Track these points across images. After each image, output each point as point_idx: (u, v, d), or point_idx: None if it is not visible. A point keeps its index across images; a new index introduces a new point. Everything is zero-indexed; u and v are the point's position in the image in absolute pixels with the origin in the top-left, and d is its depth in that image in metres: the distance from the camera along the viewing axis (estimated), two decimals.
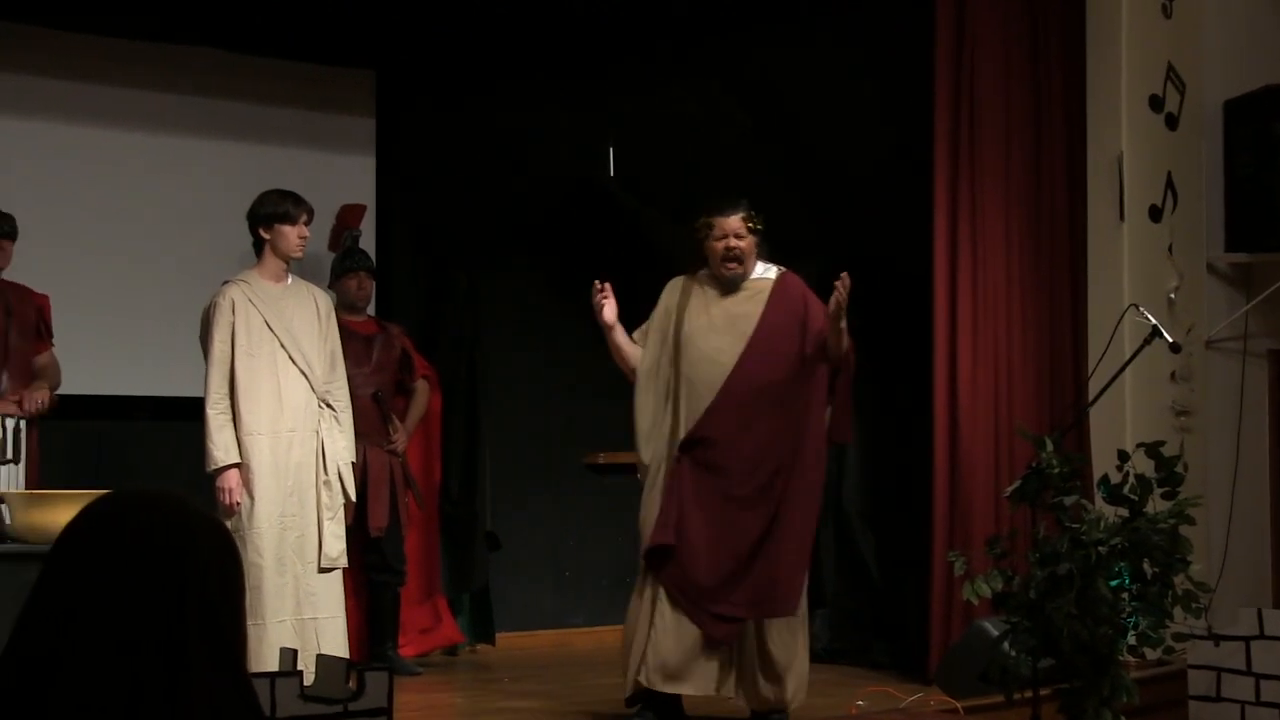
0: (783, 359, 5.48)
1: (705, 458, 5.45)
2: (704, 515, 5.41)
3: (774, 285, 5.60)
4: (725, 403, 5.45)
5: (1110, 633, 4.55)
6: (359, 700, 3.75)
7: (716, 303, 5.58)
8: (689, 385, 5.51)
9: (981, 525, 6.12)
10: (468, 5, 7.33)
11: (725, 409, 5.44)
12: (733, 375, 5.45)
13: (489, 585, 7.61)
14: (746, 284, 5.59)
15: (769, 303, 5.55)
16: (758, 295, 5.57)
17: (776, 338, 5.50)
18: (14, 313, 6.01)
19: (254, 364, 5.66)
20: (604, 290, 5.52)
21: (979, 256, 6.43)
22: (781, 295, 5.58)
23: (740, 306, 5.57)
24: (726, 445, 5.43)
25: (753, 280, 5.60)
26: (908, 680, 6.35)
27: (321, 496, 5.72)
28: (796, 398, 5.48)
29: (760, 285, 5.60)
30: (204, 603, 1.69)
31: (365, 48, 7.69)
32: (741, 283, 5.58)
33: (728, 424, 5.44)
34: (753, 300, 5.57)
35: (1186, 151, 6.97)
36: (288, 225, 5.79)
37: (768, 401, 5.45)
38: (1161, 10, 6.85)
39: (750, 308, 5.55)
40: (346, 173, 7.74)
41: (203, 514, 1.76)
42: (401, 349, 7.08)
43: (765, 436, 5.44)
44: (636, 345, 5.64)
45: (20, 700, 1.64)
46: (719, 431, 5.44)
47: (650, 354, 5.60)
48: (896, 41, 6.94)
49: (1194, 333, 6.87)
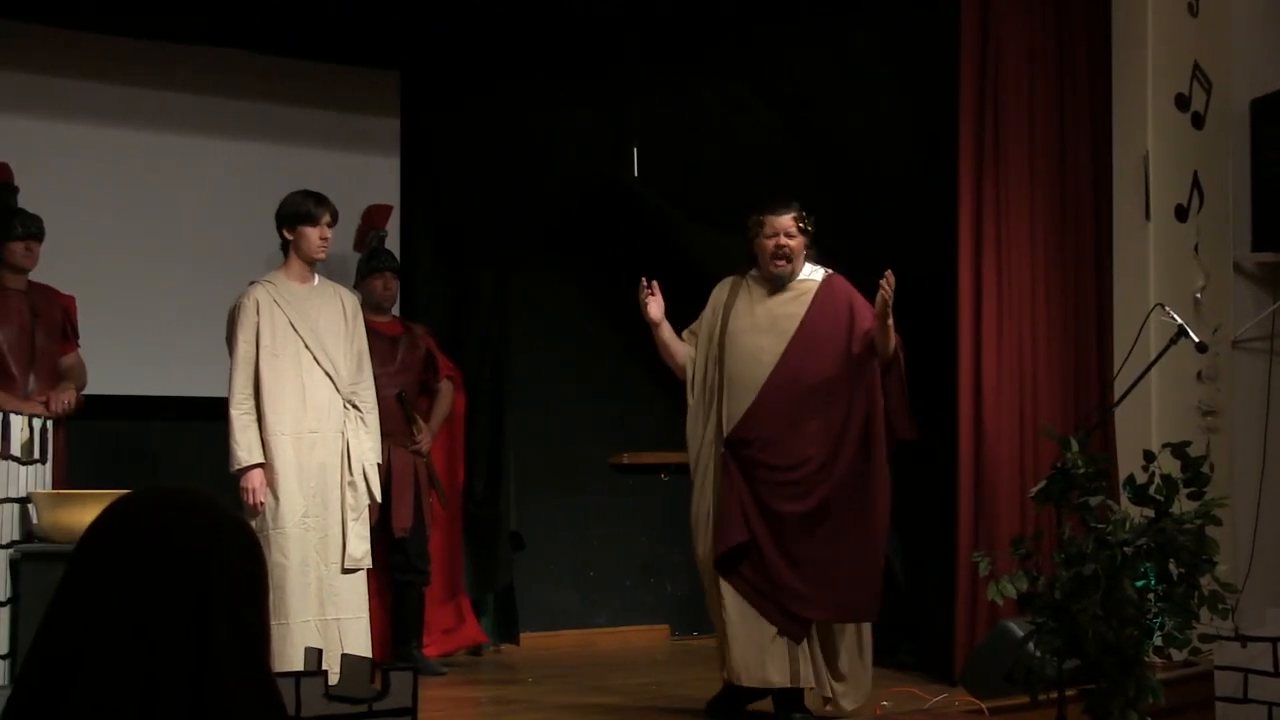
0: (826, 359, 5.52)
1: (750, 456, 5.51)
2: (760, 514, 5.47)
3: (819, 286, 5.65)
4: (765, 402, 5.50)
5: (1136, 634, 4.54)
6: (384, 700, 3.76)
7: (762, 302, 5.64)
8: (731, 384, 5.57)
9: (1006, 526, 6.11)
10: (492, 6, 7.34)
11: (766, 408, 5.50)
12: (773, 375, 5.51)
13: (513, 585, 7.62)
14: (793, 285, 5.65)
15: (813, 303, 5.61)
16: (803, 296, 5.63)
17: (819, 338, 5.55)
18: (40, 314, 6.04)
19: (278, 364, 5.67)
20: (650, 288, 5.62)
21: (1004, 257, 6.41)
22: (826, 296, 5.63)
23: (784, 307, 5.62)
24: (771, 444, 5.48)
25: (799, 281, 5.66)
26: (933, 681, 6.34)
27: (346, 497, 5.73)
28: (843, 397, 5.51)
29: (806, 286, 5.66)
30: (229, 601, 1.70)
31: (390, 48, 7.70)
32: (789, 282, 5.64)
33: (770, 424, 5.49)
34: (797, 301, 5.63)
35: (1213, 150, 6.94)
36: (309, 226, 5.81)
37: (813, 401, 5.49)
38: (1188, 9, 6.82)
39: (794, 308, 5.61)
40: (371, 173, 7.75)
41: (228, 512, 1.77)
42: (426, 349, 7.10)
43: (811, 436, 5.48)
44: (685, 343, 5.72)
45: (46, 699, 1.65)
46: (761, 431, 5.50)
47: (700, 353, 5.69)
48: (922, 42, 6.93)
49: (1220, 332, 6.83)
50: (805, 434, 5.48)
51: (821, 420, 5.49)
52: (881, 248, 7.50)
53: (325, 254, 5.90)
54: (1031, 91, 6.51)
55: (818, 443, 5.48)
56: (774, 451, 5.48)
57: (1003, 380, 6.34)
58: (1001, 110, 6.43)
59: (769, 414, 5.49)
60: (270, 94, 7.54)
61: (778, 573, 5.43)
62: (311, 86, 7.66)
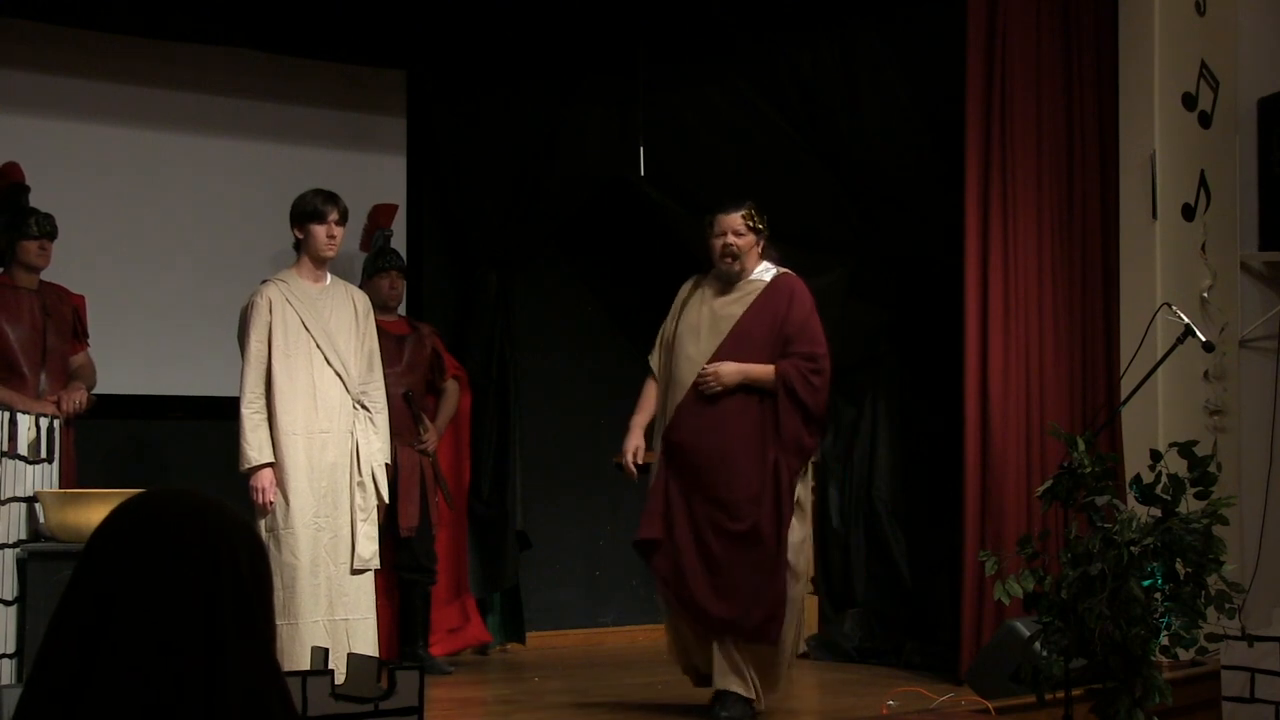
0: (755, 362, 5.47)
1: (679, 458, 5.48)
2: (685, 516, 5.43)
3: (765, 287, 5.60)
4: (692, 402, 5.46)
5: (1143, 633, 4.53)
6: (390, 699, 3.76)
7: (709, 302, 5.62)
8: (672, 384, 5.57)
9: (1013, 525, 6.11)
10: (498, 4, 7.34)
11: (691, 409, 5.46)
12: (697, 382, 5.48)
13: (519, 584, 7.63)
14: (741, 284, 5.61)
15: (753, 304, 5.56)
16: (746, 296, 5.60)
17: (751, 340, 5.50)
18: (51, 313, 6.05)
19: (290, 364, 5.68)
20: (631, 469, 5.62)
21: (1010, 256, 6.41)
22: (769, 297, 5.58)
23: (726, 308, 5.59)
24: (694, 447, 5.44)
25: (748, 281, 5.62)
26: (939, 680, 6.34)
27: (355, 498, 5.74)
28: (769, 401, 5.44)
29: (754, 287, 5.61)
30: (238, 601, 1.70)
31: (396, 47, 7.71)
32: (738, 281, 5.61)
33: (693, 425, 5.45)
34: (740, 301, 5.59)
35: (1220, 149, 6.93)
36: (317, 224, 5.81)
37: (736, 404, 5.42)
38: (1195, 8, 6.82)
39: (735, 309, 5.58)
40: (378, 172, 7.76)
41: (234, 513, 1.77)
42: (432, 348, 7.10)
43: (731, 442, 5.40)
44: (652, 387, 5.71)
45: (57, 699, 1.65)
46: (685, 433, 5.47)
47: (664, 356, 5.68)
48: (930, 40, 6.93)
49: (1227, 331, 6.83)
50: (727, 439, 5.41)
51: (744, 424, 5.42)
52: (890, 246, 7.52)
53: (334, 252, 5.90)
54: (1038, 91, 6.50)
55: (741, 449, 5.40)
56: (697, 454, 5.43)
57: (1009, 380, 6.34)
58: (1009, 109, 6.43)
59: (693, 415, 5.45)
60: (277, 93, 7.55)
61: (691, 579, 5.37)
62: (318, 86, 7.67)
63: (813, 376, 5.47)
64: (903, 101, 7.10)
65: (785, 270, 5.68)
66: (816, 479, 7.68)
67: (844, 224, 7.60)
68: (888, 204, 7.40)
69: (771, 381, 5.43)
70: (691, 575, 5.38)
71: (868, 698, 6.05)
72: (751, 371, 5.43)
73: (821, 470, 7.71)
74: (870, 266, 7.63)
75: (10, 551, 5.66)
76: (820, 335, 5.59)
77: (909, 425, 7.55)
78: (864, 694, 6.20)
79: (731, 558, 5.37)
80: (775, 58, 7.40)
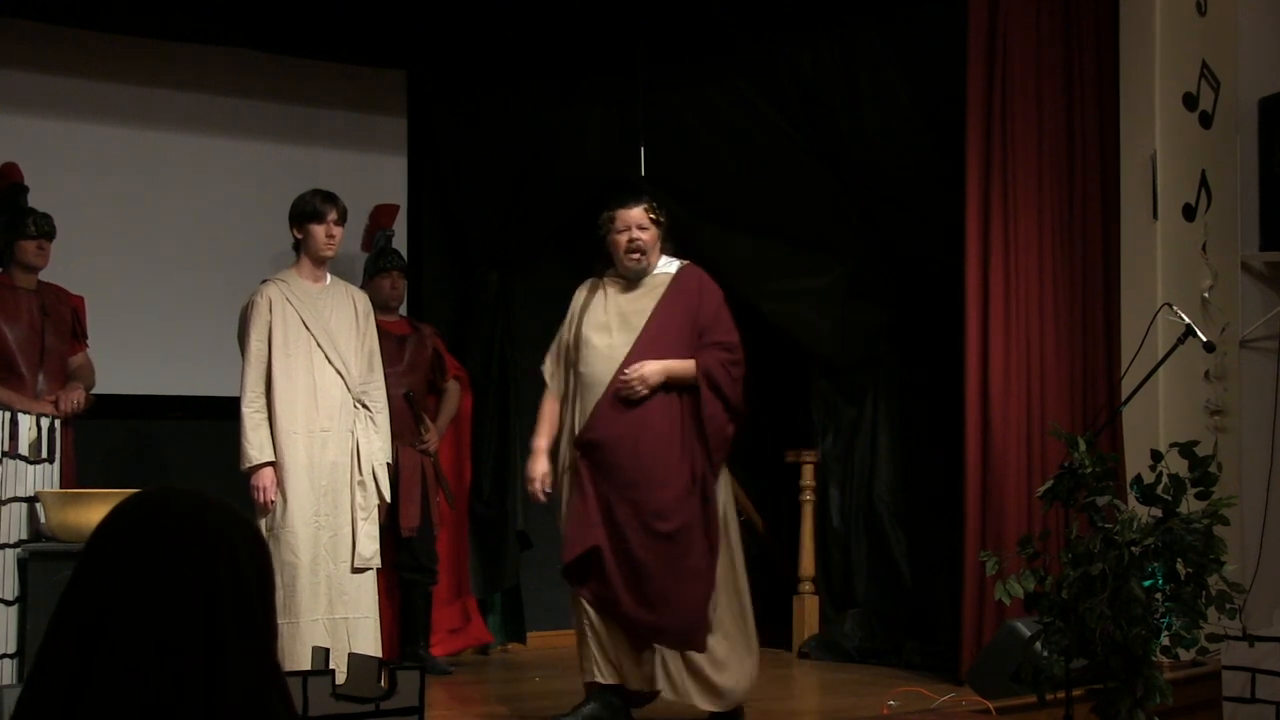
0: (672, 357, 5.31)
1: (599, 460, 5.28)
2: (606, 521, 5.23)
3: (672, 279, 5.45)
4: (609, 402, 5.28)
5: (1144, 633, 4.53)
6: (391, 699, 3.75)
7: (615, 300, 5.46)
8: (582, 386, 5.37)
9: (1014, 525, 6.10)
10: (498, 4, 7.34)
11: (609, 409, 5.27)
12: (619, 372, 5.29)
13: (520, 584, 7.62)
14: (647, 279, 5.46)
15: (664, 297, 5.41)
16: (655, 290, 5.44)
17: (667, 333, 5.34)
18: (50, 313, 6.05)
19: (290, 363, 5.68)
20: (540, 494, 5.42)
21: (1011, 256, 6.40)
22: (678, 289, 5.43)
23: (636, 303, 5.43)
24: (614, 448, 5.25)
25: (654, 275, 5.47)
26: (939, 680, 6.34)
27: (356, 497, 5.74)
28: (690, 395, 5.31)
29: (660, 280, 5.46)
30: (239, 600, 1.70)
31: (396, 48, 7.71)
32: (644, 277, 5.46)
33: (614, 424, 5.26)
34: (649, 295, 5.44)
35: (1221, 149, 6.93)
36: (316, 224, 5.81)
37: (653, 403, 5.26)
38: (1196, 8, 6.81)
39: (645, 303, 5.42)
40: (378, 173, 7.76)
41: (235, 512, 1.77)
42: (433, 349, 7.11)
43: (654, 442, 5.25)
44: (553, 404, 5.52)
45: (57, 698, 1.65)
46: (606, 432, 5.27)
47: (561, 363, 5.51)
48: (930, 40, 6.93)
49: (1228, 332, 6.83)
50: (651, 437, 5.24)
51: (667, 421, 5.26)
52: (890, 246, 7.52)
53: (333, 252, 5.90)
54: (1039, 91, 6.50)
55: (665, 447, 5.24)
56: (619, 454, 5.24)
57: (1010, 380, 6.34)
58: (1009, 109, 6.43)
59: (614, 413, 5.26)
60: (277, 93, 7.55)
61: (616, 585, 5.19)
62: (319, 86, 7.67)
63: (732, 367, 5.34)
64: (903, 101, 7.10)
65: (687, 261, 5.54)
66: (816, 479, 7.69)
67: (844, 224, 7.60)
68: (888, 204, 7.41)
69: (693, 375, 5.29)
70: (616, 583, 5.19)
71: (868, 698, 6.05)
72: (674, 368, 5.27)
73: (821, 470, 7.72)
74: (870, 266, 7.63)
75: (11, 551, 5.66)
76: (733, 324, 5.44)
77: (909, 425, 7.55)
78: (864, 694, 6.20)
79: (657, 561, 5.18)
80: (775, 58, 7.41)
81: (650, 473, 5.22)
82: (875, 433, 7.64)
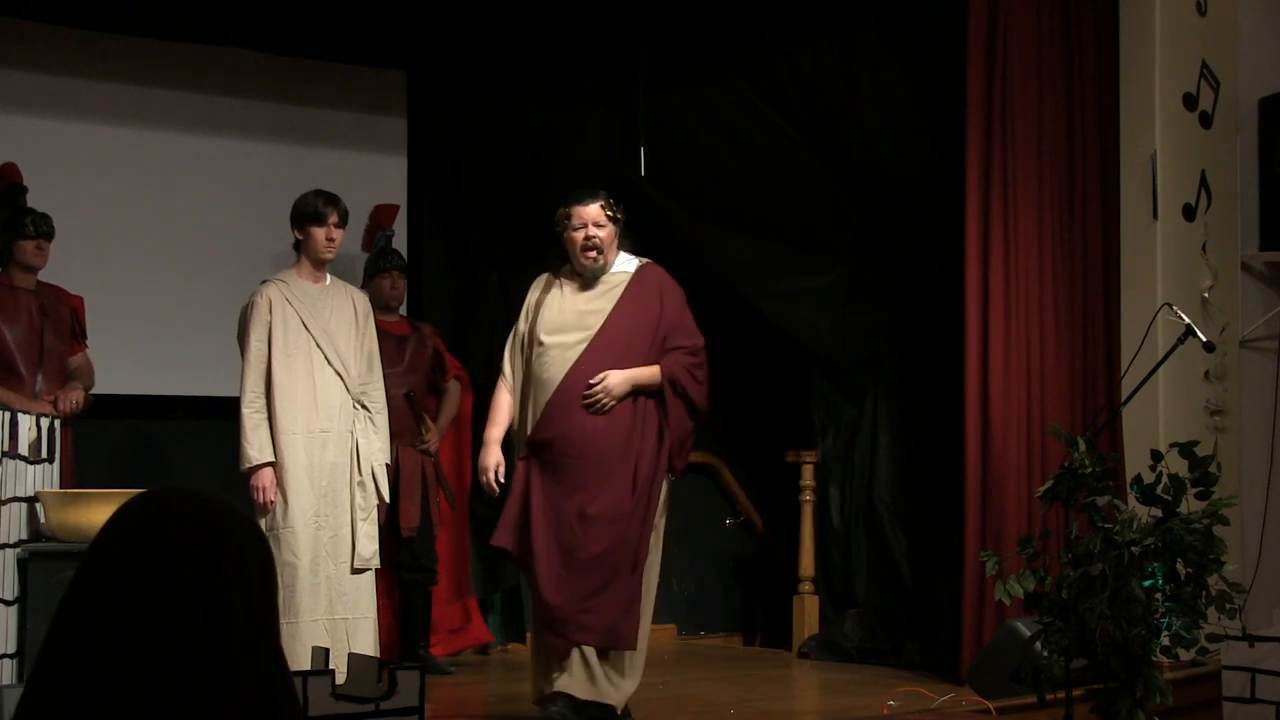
0: (629, 358, 5.22)
1: (548, 460, 5.21)
2: (548, 524, 5.17)
3: (631, 279, 5.35)
4: (561, 401, 5.19)
5: (1144, 633, 4.53)
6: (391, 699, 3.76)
7: (571, 298, 5.35)
8: (536, 384, 5.30)
9: (1014, 525, 6.10)
10: (498, 5, 7.34)
11: (560, 408, 5.19)
12: (571, 372, 5.20)
13: (520, 584, 7.62)
14: (605, 278, 5.35)
15: (622, 298, 5.30)
16: (613, 290, 5.33)
17: (623, 335, 5.24)
18: (49, 313, 6.05)
19: (290, 364, 5.68)
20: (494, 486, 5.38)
21: (1011, 256, 6.40)
22: (638, 289, 5.32)
23: (592, 302, 5.32)
24: (565, 450, 5.17)
25: (612, 274, 5.36)
26: (939, 680, 6.34)
27: (355, 497, 5.74)
28: (638, 406, 5.21)
29: (619, 279, 5.35)
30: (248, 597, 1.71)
31: (396, 48, 7.71)
32: (601, 275, 5.34)
33: (565, 425, 5.17)
34: (606, 295, 5.33)
35: (1220, 149, 6.93)
36: (316, 225, 5.80)
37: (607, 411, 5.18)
38: (1196, 8, 6.82)
39: (602, 303, 5.31)
40: (378, 172, 7.76)
41: (237, 510, 1.78)
42: (434, 349, 7.10)
43: (607, 443, 5.16)
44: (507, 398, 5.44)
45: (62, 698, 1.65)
46: (556, 432, 5.19)
47: (518, 360, 5.43)
48: (930, 40, 6.93)
49: (1228, 332, 6.83)
50: (603, 440, 5.15)
51: (616, 425, 5.16)
52: (890, 246, 7.52)
53: (333, 254, 5.89)
54: (1039, 91, 6.50)
55: (617, 451, 5.15)
56: (568, 456, 5.16)
57: (1010, 380, 6.34)
58: (1009, 109, 6.43)
59: (564, 414, 5.17)
60: (276, 93, 7.55)
61: (544, 586, 5.14)
62: (318, 86, 7.67)
63: (697, 371, 5.26)
64: (903, 101, 7.10)
65: (647, 260, 5.43)
66: (816, 479, 7.70)
67: (844, 224, 7.60)
68: (888, 204, 7.41)
69: (658, 383, 5.21)
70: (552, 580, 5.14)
71: (868, 698, 6.05)
72: (638, 376, 5.19)
73: (821, 470, 7.72)
74: (870, 266, 7.64)
75: (11, 551, 5.66)
76: (695, 326, 5.35)
77: (909, 425, 7.55)
78: (864, 694, 6.20)
79: (594, 563, 5.12)
80: (775, 58, 7.41)
81: (595, 476, 5.14)
82: (875, 433, 7.65)
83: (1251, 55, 7.05)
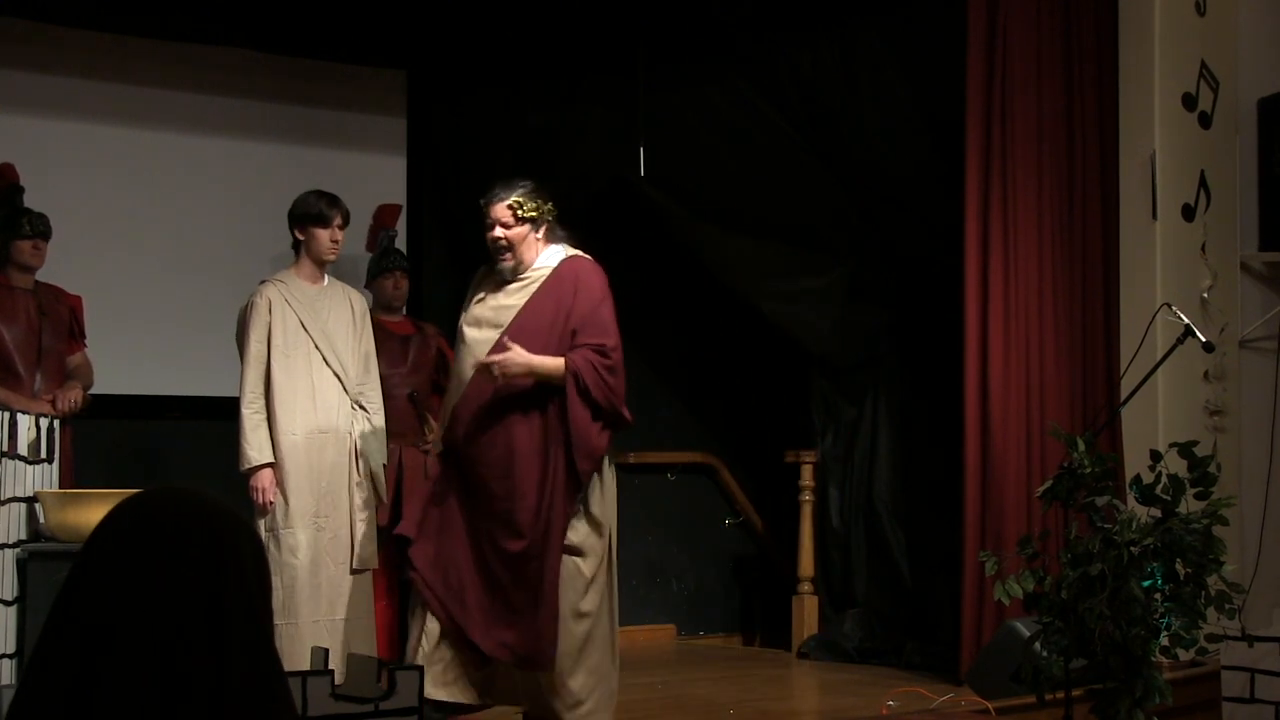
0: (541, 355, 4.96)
1: (459, 462, 5.05)
2: (463, 531, 5.03)
3: (549, 274, 5.08)
4: (470, 399, 5.02)
5: (1143, 633, 4.53)
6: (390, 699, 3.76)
7: (493, 293, 5.14)
8: (453, 381, 5.18)
9: (1013, 525, 6.11)
10: (498, 4, 7.34)
11: (469, 407, 5.01)
12: (479, 371, 4.99)
13: None
14: (527, 273, 5.11)
15: (536, 293, 5.06)
16: (530, 285, 5.09)
17: (526, 331, 4.98)
18: (47, 313, 6.05)
19: (290, 364, 5.67)
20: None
21: (1011, 256, 6.41)
22: (554, 285, 5.06)
23: (509, 297, 5.10)
24: (474, 454, 5.00)
25: (534, 270, 5.11)
26: (939, 680, 6.34)
27: (355, 497, 5.74)
28: (553, 398, 4.96)
29: (538, 275, 5.09)
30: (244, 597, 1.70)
31: (396, 47, 7.71)
32: (519, 274, 5.11)
33: (472, 427, 4.99)
34: (523, 290, 5.09)
35: (1220, 150, 6.93)
36: (320, 227, 5.80)
37: (518, 401, 4.96)
38: (1195, 8, 6.82)
39: (518, 299, 5.08)
40: (378, 172, 7.76)
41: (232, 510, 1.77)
42: (437, 349, 7.10)
43: (514, 448, 4.95)
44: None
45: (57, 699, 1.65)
46: (462, 434, 5.02)
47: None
48: (930, 40, 6.93)
49: (1227, 332, 6.83)
50: (510, 444, 4.94)
51: (526, 425, 4.95)
52: (890, 246, 7.52)
53: (336, 256, 5.88)
54: (1039, 91, 6.50)
55: (524, 456, 4.93)
56: (477, 460, 4.98)
57: (1009, 380, 6.34)
58: (1009, 109, 6.43)
59: (472, 413, 4.99)
60: (276, 93, 7.55)
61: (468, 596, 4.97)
62: (318, 86, 7.67)
63: (605, 371, 4.94)
64: (903, 101, 7.10)
65: (576, 254, 5.15)
66: (816, 479, 7.70)
67: (844, 224, 7.60)
68: (888, 204, 7.41)
69: (560, 375, 4.91)
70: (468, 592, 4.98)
71: (868, 698, 6.05)
72: (537, 363, 4.89)
73: (821, 470, 7.72)
74: (870, 266, 7.64)
75: (10, 551, 5.66)
76: (611, 324, 5.04)
77: (909, 425, 7.55)
78: (864, 694, 6.19)
79: (510, 577, 4.94)
80: (775, 58, 7.41)
81: (508, 487, 4.95)
82: (875, 433, 7.65)
83: (1251, 55, 7.05)
